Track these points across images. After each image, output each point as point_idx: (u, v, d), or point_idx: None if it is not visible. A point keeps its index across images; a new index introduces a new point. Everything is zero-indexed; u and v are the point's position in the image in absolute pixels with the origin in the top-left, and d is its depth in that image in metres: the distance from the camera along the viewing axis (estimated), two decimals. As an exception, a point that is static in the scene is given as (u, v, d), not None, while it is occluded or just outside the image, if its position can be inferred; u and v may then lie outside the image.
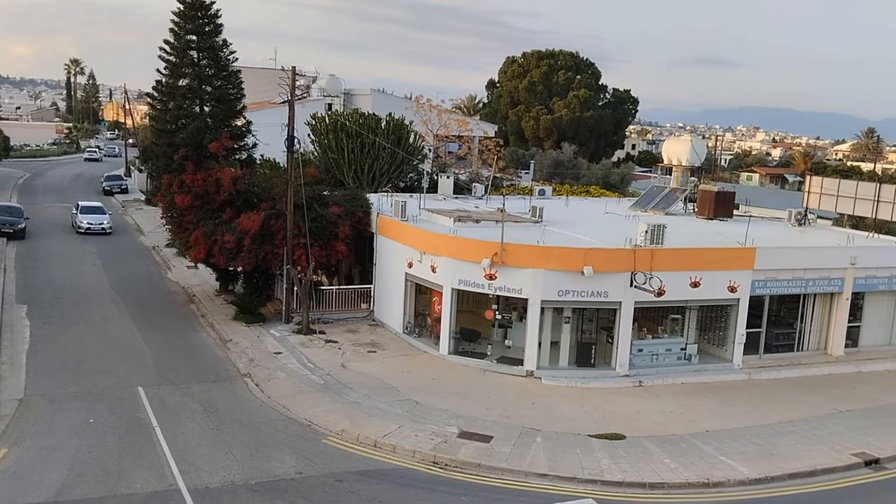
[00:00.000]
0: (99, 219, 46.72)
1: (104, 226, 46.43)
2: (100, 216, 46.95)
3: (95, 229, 45.90)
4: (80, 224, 46.11)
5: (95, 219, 46.58)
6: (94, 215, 46.86)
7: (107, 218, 47.16)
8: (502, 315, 26.75)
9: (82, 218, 46.43)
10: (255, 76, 53.11)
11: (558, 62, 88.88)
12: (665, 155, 41.49)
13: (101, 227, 46.21)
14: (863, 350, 29.50)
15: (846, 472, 19.70)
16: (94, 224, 46.14)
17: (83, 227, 45.92)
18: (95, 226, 46.11)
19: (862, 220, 37.08)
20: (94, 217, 46.67)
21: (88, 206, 48.32)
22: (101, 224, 46.41)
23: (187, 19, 32.00)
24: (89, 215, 46.72)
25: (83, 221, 46.18)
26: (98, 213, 47.19)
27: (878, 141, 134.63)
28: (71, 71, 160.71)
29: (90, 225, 46.02)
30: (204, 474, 17.67)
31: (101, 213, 47.31)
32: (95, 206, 48.68)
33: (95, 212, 47.40)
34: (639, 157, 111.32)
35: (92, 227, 45.96)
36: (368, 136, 39.09)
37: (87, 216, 46.58)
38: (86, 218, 46.37)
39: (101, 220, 46.62)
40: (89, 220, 46.32)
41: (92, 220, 46.33)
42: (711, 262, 26.17)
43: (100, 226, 46.26)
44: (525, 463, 18.86)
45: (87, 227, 45.90)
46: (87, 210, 47.47)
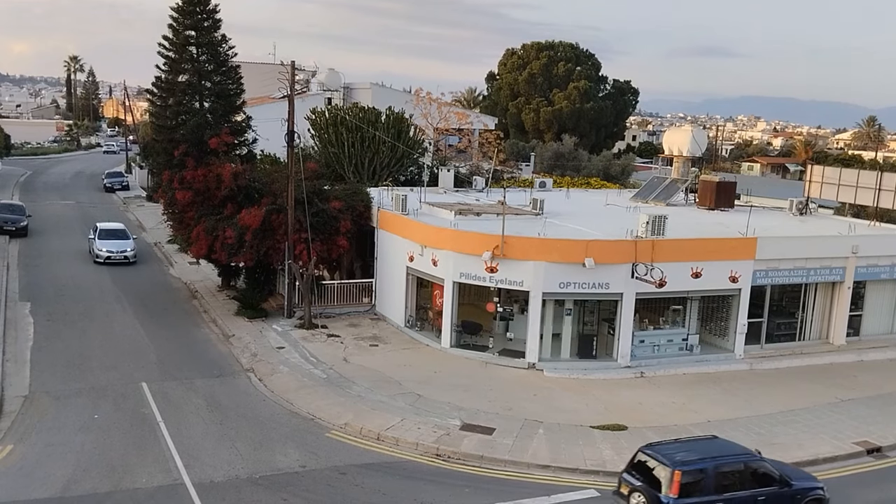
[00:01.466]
0: (121, 245, 38.76)
1: (127, 254, 38.39)
2: (122, 242, 39.14)
3: (117, 258, 38.10)
4: (99, 252, 38.21)
5: (117, 245, 38.66)
6: (116, 241, 39.09)
7: (130, 244, 39.17)
8: (504, 307, 26.81)
9: (101, 245, 38.54)
10: (255, 71, 52.98)
11: (558, 54, 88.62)
12: (666, 145, 41.45)
13: (123, 256, 38.21)
14: (864, 339, 29.53)
15: (848, 461, 19.78)
16: (115, 252, 38.21)
17: (102, 255, 38.01)
18: (117, 254, 38.21)
19: (863, 209, 37.06)
20: (115, 244, 38.79)
21: (108, 230, 40.02)
22: (123, 252, 38.36)
23: (186, 15, 31.98)
24: (109, 241, 38.89)
25: (102, 249, 38.28)
26: (120, 239, 39.45)
27: (879, 129, 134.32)
28: (70, 68, 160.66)
29: (111, 253, 38.14)
30: (208, 468, 17.77)
31: (123, 238, 39.51)
32: (116, 230, 40.30)
33: (117, 236, 39.73)
34: (639, 148, 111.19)
35: (113, 255, 38.11)
36: (368, 130, 39.08)
37: (106, 242, 38.72)
38: (105, 245, 38.55)
39: (123, 248, 38.61)
40: (110, 247, 38.45)
41: (113, 248, 38.37)
42: (713, 252, 26.20)
43: (122, 254, 38.25)
44: (527, 454, 18.94)
45: (108, 255, 38.00)
46: (106, 234, 39.58)
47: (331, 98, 58.23)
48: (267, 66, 56.88)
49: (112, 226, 41.09)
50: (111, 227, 40.84)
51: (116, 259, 37.94)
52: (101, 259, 37.77)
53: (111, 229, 40.26)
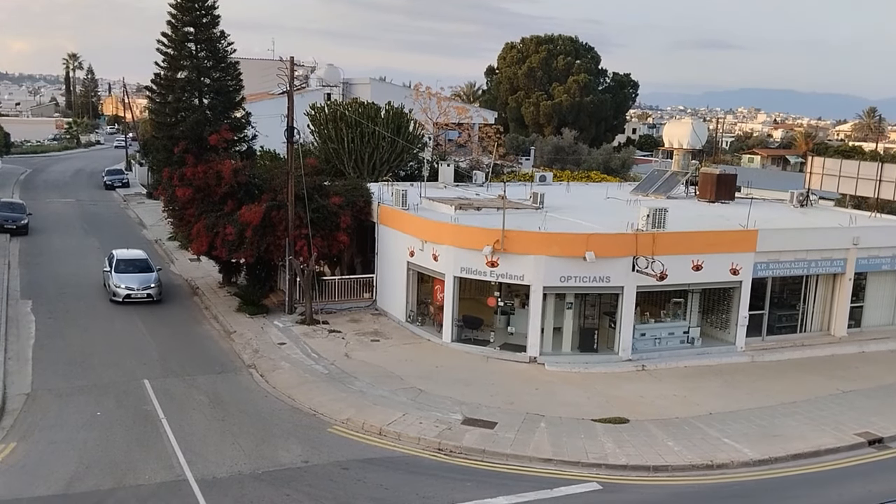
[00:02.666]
0: (143, 280, 31.06)
1: (151, 290, 30.87)
2: (144, 276, 31.31)
3: (139, 296, 30.56)
4: (117, 289, 30.66)
5: (139, 280, 30.97)
6: (137, 275, 31.28)
7: (154, 277, 31.48)
8: (505, 302, 26.80)
9: (119, 280, 30.85)
10: (254, 67, 53.06)
11: (557, 47, 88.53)
12: (666, 138, 41.39)
13: (146, 294, 30.70)
14: (866, 330, 29.54)
15: (850, 452, 19.78)
16: (136, 289, 30.63)
17: (121, 293, 30.52)
18: (139, 292, 30.60)
19: (864, 200, 37.01)
20: (136, 278, 31.08)
21: (127, 261, 32.20)
22: (146, 288, 30.81)
23: (185, 11, 31.97)
24: (129, 276, 31.19)
25: (120, 285, 30.63)
26: (141, 271, 31.65)
27: (879, 120, 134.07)
28: (69, 66, 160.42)
29: (131, 291, 30.59)
30: (211, 464, 17.81)
31: (145, 271, 31.73)
32: (137, 260, 32.47)
33: (137, 268, 31.83)
34: (640, 141, 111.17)
35: (134, 293, 30.56)
36: (368, 126, 39.04)
37: (126, 278, 31.00)
38: (124, 280, 30.83)
39: (145, 282, 31.01)
40: (129, 282, 30.75)
41: (133, 283, 30.79)
42: (713, 245, 26.19)
43: (144, 291, 30.71)
44: (529, 448, 18.96)
45: (127, 294, 30.54)
46: (125, 266, 31.77)
47: (330, 94, 58.23)
48: (266, 62, 56.99)
49: (131, 254, 33.16)
50: (130, 255, 32.90)
51: (138, 297, 30.46)
52: (119, 298, 30.40)
53: (131, 259, 32.38)
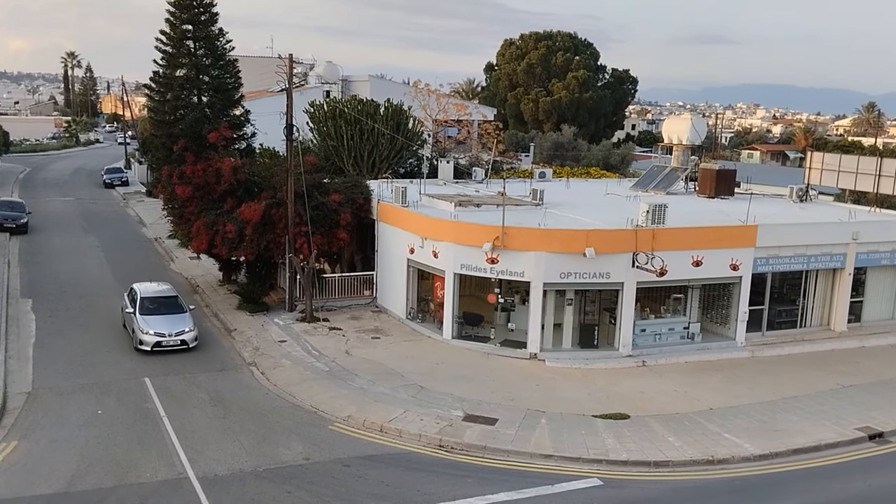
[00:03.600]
0: (175, 323, 25.53)
1: (185, 336, 25.36)
2: (176, 319, 25.73)
3: (171, 344, 25.08)
4: (144, 335, 25.00)
5: (169, 324, 25.42)
6: (167, 318, 25.62)
7: (188, 319, 25.99)
8: (505, 298, 26.83)
9: (146, 325, 25.19)
10: (253, 65, 52.94)
11: (556, 43, 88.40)
12: (665, 134, 41.38)
13: (179, 341, 25.22)
14: (866, 325, 29.58)
15: (850, 447, 19.81)
16: (167, 335, 25.10)
17: (149, 341, 24.94)
18: (170, 338, 25.12)
19: (863, 195, 37.05)
20: (166, 321, 25.47)
21: (154, 299, 26.47)
22: (180, 333, 25.32)
23: (183, 9, 31.93)
24: (158, 318, 25.47)
25: (148, 331, 25.01)
26: (172, 312, 26.00)
27: (878, 115, 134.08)
28: (68, 64, 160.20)
29: (161, 338, 24.99)
30: (212, 462, 17.83)
31: (175, 311, 26.10)
32: (165, 298, 26.78)
33: (167, 307, 26.12)
34: (639, 137, 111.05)
35: (165, 341, 25.03)
36: (367, 123, 39.03)
37: (154, 321, 25.35)
38: (152, 324, 25.23)
39: (178, 326, 25.46)
40: (159, 327, 25.20)
41: (163, 327, 25.23)
42: (713, 240, 26.20)
43: (178, 337, 25.24)
44: (530, 444, 18.99)
45: (157, 341, 24.94)
46: (152, 306, 26.01)
47: (329, 91, 58.20)
48: (265, 59, 56.91)
49: (157, 290, 27.34)
50: (156, 292, 27.17)
51: (170, 345, 25.03)
52: (146, 346, 24.80)
53: (157, 297, 26.67)
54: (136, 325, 25.46)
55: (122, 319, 27.49)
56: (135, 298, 26.58)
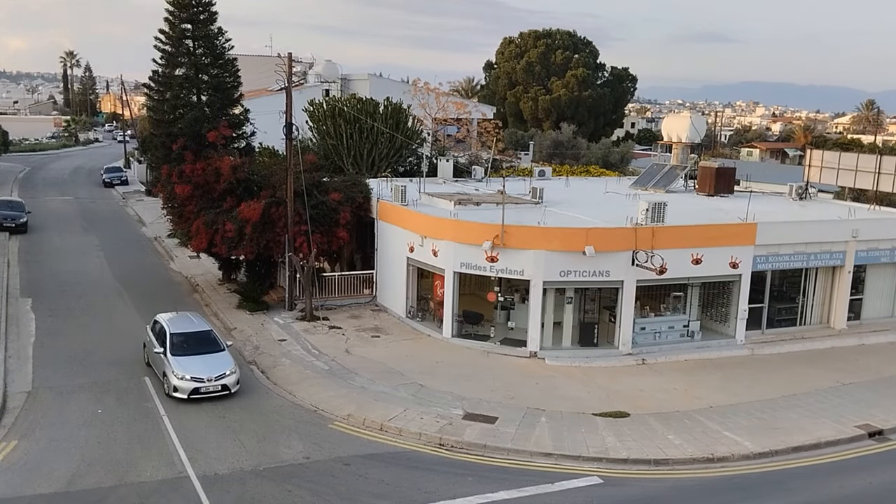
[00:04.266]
0: (215, 364, 21.67)
1: (227, 380, 21.38)
2: (216, 359, 21.91)
3: (210, 390, 21.14)
4: (179, 381, 21.07)
5: (208, 366, 21.53)
6: (204, 358, 21.80)
7: (228, 360, 22.04)
8: (505, 297, 26.85)
9: (181, 367, 21.31)
10: (252, 64, 52.93)
11: (556, 41, 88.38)
12: (665, 132, 41.39)
13: (220, 386, 21.26)
14: (865, 322, 29.58)
15: (850, 445, 19.83)
16: (205, 380, 21.16)
17: (184, 388, 21.04)
18: (211, 383, 21.17)
19: (863, 193, 37.05)
20: (203, 363, 21.60)
21: (185, 335, 22.62)
22: (221, 377, 21.34)
23: (182, 8, 32.02)
24: (194, 360, 21.64)
25: (184, 375, 21.13)
26: (207, 351, 22.20)
27: (878, 113, 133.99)
28: (67, 63, 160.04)
29: (199, 383, 21.10)
30: (212, 461, 17.83)
31: (212, 349, 22.34)
32: (197, 332, 22.94)
33: (202, 345, 22.38)
34: (638, 135, 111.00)
35: (204, 386, 21.12)
36: (367, 122, 39.03)
37: (188, 362, 21.50)
38: (188, 367, 21.34)
39: (219, 369, 21.54)
40: (196, 370, 21.30)
41: (201, 371, 21.32)
42: (713, 238, 26.19)
43: (219, 381, 21.26)
44: (530, 443, 18.99)
45: (195, 387, 21.06)
46: (185, 343, 22.26)
47: (328, 90, 58.18)
48: (264, 58, 56.89)
49: (188, 324, 23.32)
50: (187, 326, 23.15)
51: (210, 391, 21.14)
52: (182, 394, 20.99)
53: (190, 333, 22.73)
54: (169, 369, 21.28)
55: (144, 356, 23.80)
56: (164, 335, 22.42)
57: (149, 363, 23.50)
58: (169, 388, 21.41)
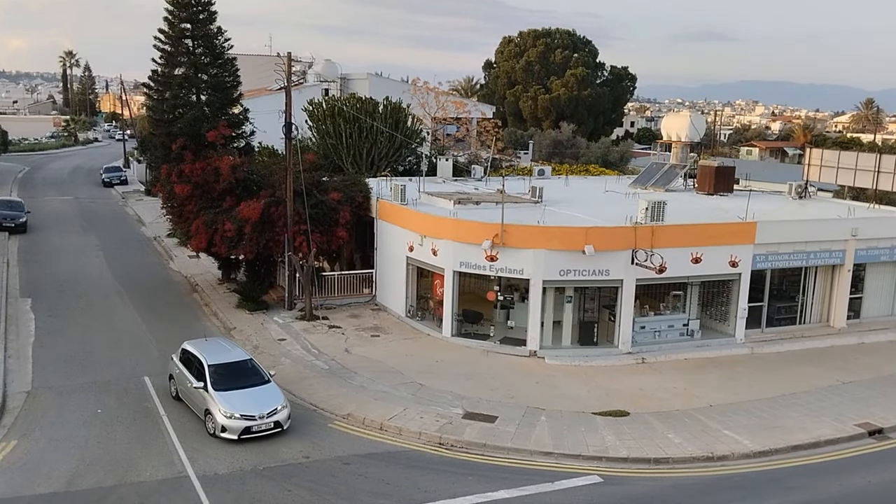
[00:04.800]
0: (265, 399, 19.37)
1: (279, 417, 19.08)
2: (264, 393, 19.63)
3: (264, 428, 18.87)
4: (228, 420, 18.73)
5: (258, 401, 19.25)
6: (251, 392, 19.53)
7: (278, 394, 19.76)
8: (504, 296, 26.84)
9: (230, 404, 18.96)
10: (251, 63, 52.98)
11: (555, 41, 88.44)
12: (664, 131, 41.38)
13: (273, 423, 18.97)
14: (865, 321, 29.58)
15: (850, 443, 19.83)
16: (257, 417, 18.84)
17: (235, 427, 18.71)
18: (263, 420, 18.88)
19: (862, 192, 37.04)
20: (253, 398, 19.32)
21: (225, 366, 20.16)
22: (272, 413, 19.03)
23: (181, 8, 31.99)
24: (240, 394, 19.34)
25: (233, 412, 18.79)
26: (254, 384, 19.85)
27: (877, 111, 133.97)
28: (66, 63, 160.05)
29: (251, 421, 18.78)
30: (212, 461, 17.83)
31: (257, 383, 19.94)
32: (237, 363, 20.47)
33: (243, 375, 20.09)
34: (638, 134, 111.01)
35: (256, 425, 18.81)
36: (366, 121, 39.03)
37: (236, 398, 19.16)
38: (237, 404, 19.00)
39: (270, 404, 19.21)
40: (244, 406, 18.98)
41: (250, 407, 18.98)
42: (712, 237, 26.19)
43: (271, 418, 18.97)
44: (530, 442, 19.00)
45: (246, 426, 18.73)
46: (227, 376, 19.86)
47: (328, 89, 58.21)
48: (263, 57, 56.94)
49: (224, 353, 20.86)
50: (226, 357, 20.64)
51: (263, 429, 18.89)
52: (232, 434, 18.70)
53: (230, 364, 20.31)
54: (214, 406, 18.95)
55: (171, 390, 21.31)
56: (200, 367, 19.99)
57: (178, 397, 20.96)
58: (215, 428, 18.85)
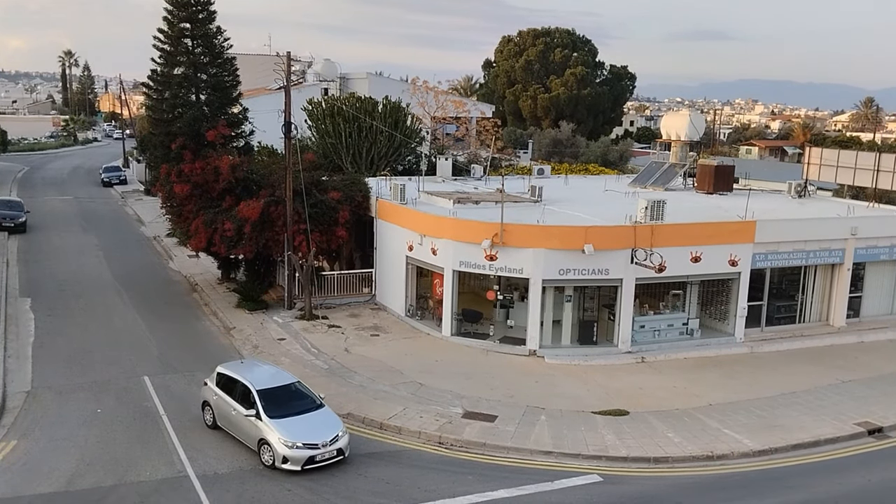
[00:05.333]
0: (324, 426, 18.02)
1: (341, 444, 17.78)
2: (322, 419, 18.29)
3: (327, 457, 17.53)
4: (290, 451, 17.29)
5: (317, 428, 17.89)
6: (307, 418, 18.13)
7: (332, 418, 18.44)
8: (504, 295, 26.84)
9: (289, 433, 17.50)
10: (251, 63, 52.98)
11: (554, 40, 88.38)
12: (664, 130, 41.37)
13: (336, 451, 17.66)
14: (864, 320, 29.58)
15: (850, 442, 19.84)
16: (321, 445, 17.51)
17: (298, 457, 17.30)
18: (326, 448, 17.52)
19: (862, 191, 37.05)
20: (311, 424, 17.95)
21: (277, 392, 18.66)
22: (335, 440, 17.69)
23: (181, 7, 32.01)
24: (296, 421, 17.93)
25: (294, 441, 17.38)
26: (307, 410, 18.44)
27: (877, 110, 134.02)
28: (65, 63, 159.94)
29: (314, 450, 17.42)
30: (212, 460, 17.83)
31: (310, 408, 18.54)
32: (285, 387, 18.98)
33: (295, 401, 18.63)
34: (637, 133, 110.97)
35: (320, 454, 17.46)
36: (366, 120, 39.03)
37: (294, 426, 17.73)
38: (296, 431, 17.59)
39: (331, 430, 17.88)
40: (307, 434, 17.59)
41: (313, 436, 17.60)
42: (712, 236, 26.20)
43: (334, 446, 17.62)
44: (530, 441, 19.00)
45: (310, 456, 17.38)
46: (278, 400, 18.35)
47: (327, 88, 58.18)
48: (263, 57, 56.91)
49: (269, 376, 19.40)
50: (270, 378, 19.19)
51: (326, 458, 17.55)
52: (294, 465, 17.26)
53: (279, 388, 18.83)
54: (271, 436, 17.46)
55: (206, 419, 19.60)
56: (247, 393, 18.36)
57: (215, 425, 19.26)
58: (274, 459, 17.38)
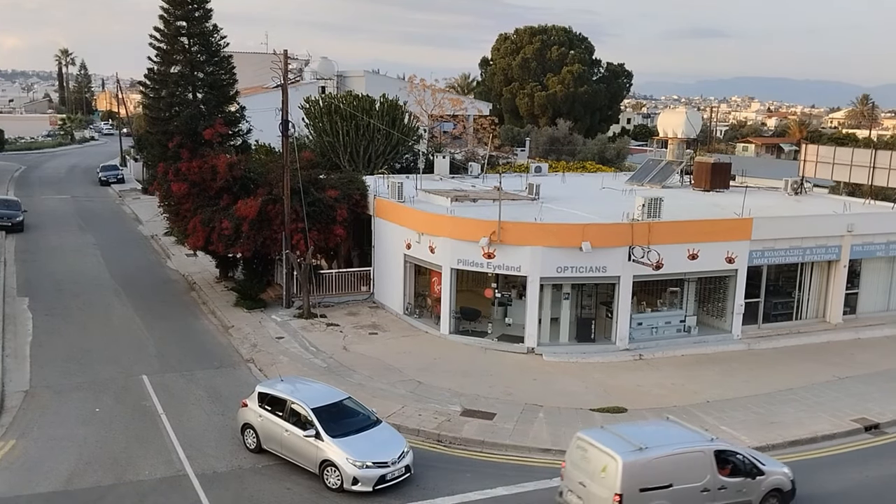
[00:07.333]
0: (389, 444, 17.21)
1: (408, 461, 17.05)
2: (385, 436, 17.55)
3: (395, 475, 16.73)
4: (359, 471, 16.34)
5: (383, 446, 17.07)
6: (370, 435, 17.38)
7: (394, 434, 17.77)
8: (502, 293, 26.86)
9: (355, 452, 16.58)
10: (247, 61, 52.74)
11: (551, 38, 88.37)
12: (660, 128, 41.45)
13: (404, 468, 16.89)
14: (861, 317, 29.66)
15: (846, 438, 19.92)
16: (391, 463, 16.68)
17: (368, 477, 16.37)
18: (395, 467, 16.68)
19: (858, 187, 37.13)
20: (375, 442, 17.17)
21: (333, 409, 17.70)
22: (402, 456, 16.94)
23: (177, 5, 31.90)
24: (360, 439, 17.12)
25: (364, 461, 16.46)
26: (367, 427, 17.62)
27: (873, 107, 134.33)
28: (62, 62, 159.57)
29: (384, 469, 16.57)
30: (211, 459, 17.85)
31: (368, 424, 17.76)
32: (342, 405, 18.09)
33: (352, 418, 17.80)
34: (634, 130, 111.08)
35: (391, 473, 16.62)
36: (363, 118, 39.03)
37: (359, 444, 16.87)
38: (362, 450, 16.68)
39: (396, 449, 17.02)
40: (374, 453, 16.74)
41: (382, 454, 16.76)
42: (709, 233, 26.26)
43: (402, 463, 16.86)
44: (528, 438, 19.04)
45: (381, 475, 16.54)
46: (338, 421, 17.42)
47: (324, 87, 58.18)
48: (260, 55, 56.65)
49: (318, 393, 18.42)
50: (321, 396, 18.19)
51: (395, 477, 16.75)
52: (365, 486, 16.38)
53: (333, 406, 17.86)
54: (338, 456, 16.53)
55: (247, 441, 18.42)
56: (300, 413, 17.40)
57: (260, 449, 18.07)
58: (342, 481, 16.37)
